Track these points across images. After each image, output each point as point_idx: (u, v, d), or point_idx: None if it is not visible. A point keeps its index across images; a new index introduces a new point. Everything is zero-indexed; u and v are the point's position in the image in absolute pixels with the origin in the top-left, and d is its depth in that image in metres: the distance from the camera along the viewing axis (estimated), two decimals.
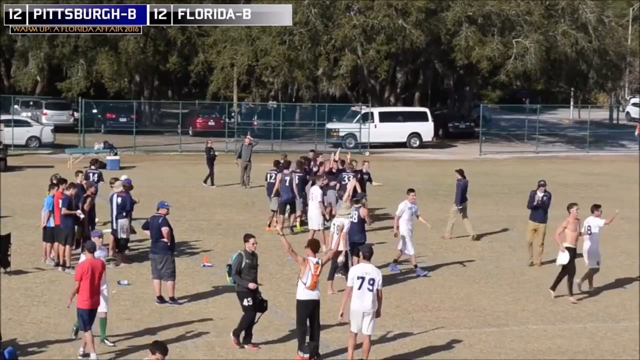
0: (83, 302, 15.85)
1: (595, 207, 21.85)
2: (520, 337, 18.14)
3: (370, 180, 30.05)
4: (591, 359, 17.07)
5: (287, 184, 27.87)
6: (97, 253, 16.61)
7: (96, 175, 27.67)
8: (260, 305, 17.14)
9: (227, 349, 16.94)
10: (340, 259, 20.95)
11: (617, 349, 17.65)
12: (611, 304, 20.88)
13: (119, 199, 23.51)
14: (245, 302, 16.91)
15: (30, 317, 18.38)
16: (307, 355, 10.88)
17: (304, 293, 16.00)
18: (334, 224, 21.25)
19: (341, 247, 20.86)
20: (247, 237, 17.39)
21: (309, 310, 16.09)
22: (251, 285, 16.89)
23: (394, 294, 21.14)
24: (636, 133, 61.01)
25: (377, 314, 15.97)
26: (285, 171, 28.67)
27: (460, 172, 28.35)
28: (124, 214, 23.52)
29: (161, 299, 19.81)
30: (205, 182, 38.21)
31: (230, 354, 16.67)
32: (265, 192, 30.15)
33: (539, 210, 24.24)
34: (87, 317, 15.91)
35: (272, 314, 18.82)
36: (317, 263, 15.98)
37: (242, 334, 17.04)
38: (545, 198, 24.22)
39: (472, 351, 17.26)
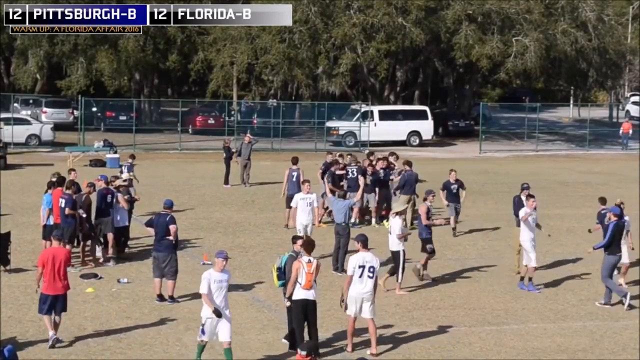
0: (44, 287, 16.66)
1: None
2: (520, 336, 18.15)
3: (463, 187, 28.39)
4: (591, 357, 17.07)
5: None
6: (220, 275, 15.53)
7: (126, 167, 29.88)
8: None
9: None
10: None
11: (616, 348, 17.65)
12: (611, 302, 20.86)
13: (109, 197, 23.47)
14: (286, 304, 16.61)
15: (30, 315, 18.34)
16: (303, 353, 10.85)
17: (299, 293, 16.13)
18: (390, 225, 21.35)
19: (395, 247, 20.90)
20: (295, 239, 17.19)
21: (304, 310, 16.20)
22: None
23: (393, 292, 21.14)
24: (620, 132, 60.94)
25: (372, 300, 16.65)
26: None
27: (408, 163, 28.89)
28: (109, 210, 23.52)
29: (161, 297, 19.84)
30: (225, 183, 37.74)
31: None
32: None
33: None
34: (47, 302, 16.61)
35: (271, 313, 18.85)
36: (310, 261, 16.13)
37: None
38: None
39: (471, 349, 17.26)
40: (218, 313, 15.38)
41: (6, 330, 17.23)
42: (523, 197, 23.21)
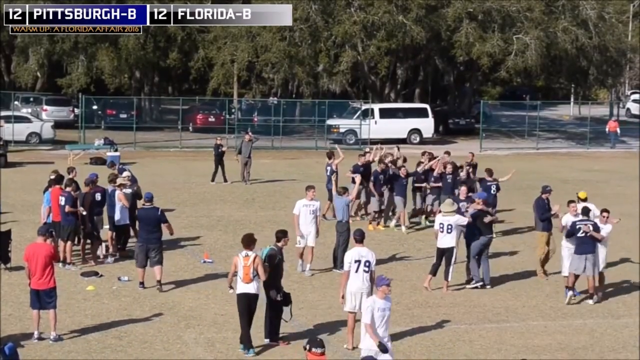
0: (31, 282, 16.89)
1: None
2: (520, 333, 18.15)
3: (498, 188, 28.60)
4: (591, 354, 17.06)
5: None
6: (384, 303, 14.25)
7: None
8: (286, 299, 17.14)
9: (227, 345, 16.95)
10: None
11: (617, 346, 17.66)
12: (611, 300, 20.88)
13: (97, 195, 23.47)
14: (278, 297, 16.92)
15: (31, 313, 18.33)
16: (320, 350, 10.78)
17: (239, 286, 16.57)
18: (440, 224, 21.20)
19: (450, 244, 21.04)
20: (282, 234, 17.52)
21: (245, 303, 16.53)
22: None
23: (394, 290, 20.99)
24: (607, 130, 60.82)
25: (369, 293, 16.64)
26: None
27: (393, 162, 29.17)
28: (100, 209, 23.56)
29: (143, 285, 20.58)
30: (224, 180, 37.84)
31: (231, 350, 16.68)
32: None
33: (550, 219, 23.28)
34: (33, 297, 16.86)
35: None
36: (247, 255, 16.47)
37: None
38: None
39: (472, 347, 17.27)
40: (384, 348, 13.91)
41: (6, 328, 17.25)
42: (545, 200, 23.33)
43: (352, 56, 56.04)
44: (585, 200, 22.77)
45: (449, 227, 20.98)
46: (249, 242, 16.73)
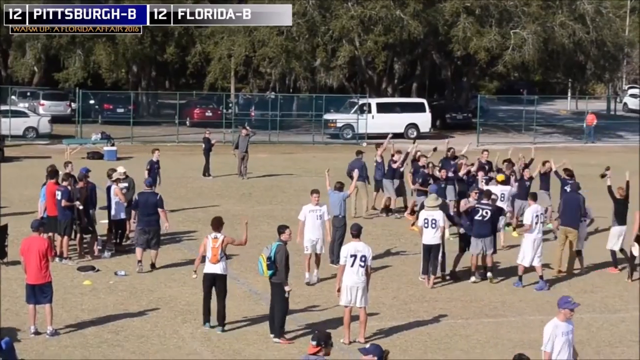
0: (27, 277, 16.86)
1: None
2: (517, 328, 18.16)
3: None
4: (588, 349, 17.06)
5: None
6: (566, 326, 13.03)
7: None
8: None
9: (223, 339, 16.95)
10: None
11: (613, 340, 17.68)
12: (608, 294, 20.91)
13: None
14: (286, 294, 16.93)
15: (27, 308, 18.35)
16: (314, 343, 10.75)
17: (207, 267, 17.35)
18: (425, 219, 20.96)
19: (438, 241, 21.00)
20: (283, 228, 17.23)
21: (211, 283, 17.25)
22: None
23: (391, 284, 21.18)
24: (584, 125, 60.77)
25: (365, 288, 16.86)
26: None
27: (358, 152, 30.18)
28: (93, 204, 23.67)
29: (141, 263, 21.55)
30: (204, 174, 38.14)
31: (227, 345, 16.69)
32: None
33: None
34: (29, 292, 16.82)
35: (268, 305, 18.81)
36: (215, 237, 17.31)
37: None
38: None
39: (469, 342, 17.28)
40: None
41: (3, 323, 17.23)
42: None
43: (349, 51, 56.01)
44: (503, 183, 25.59)
45: (434, 221, 20.89)
46: (217, 225, 17.64)
